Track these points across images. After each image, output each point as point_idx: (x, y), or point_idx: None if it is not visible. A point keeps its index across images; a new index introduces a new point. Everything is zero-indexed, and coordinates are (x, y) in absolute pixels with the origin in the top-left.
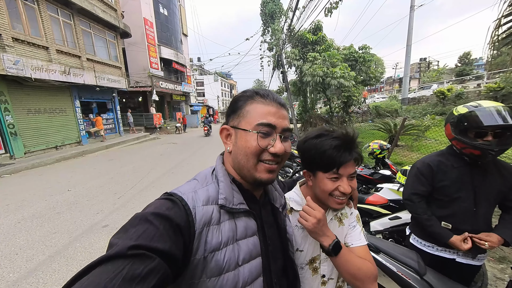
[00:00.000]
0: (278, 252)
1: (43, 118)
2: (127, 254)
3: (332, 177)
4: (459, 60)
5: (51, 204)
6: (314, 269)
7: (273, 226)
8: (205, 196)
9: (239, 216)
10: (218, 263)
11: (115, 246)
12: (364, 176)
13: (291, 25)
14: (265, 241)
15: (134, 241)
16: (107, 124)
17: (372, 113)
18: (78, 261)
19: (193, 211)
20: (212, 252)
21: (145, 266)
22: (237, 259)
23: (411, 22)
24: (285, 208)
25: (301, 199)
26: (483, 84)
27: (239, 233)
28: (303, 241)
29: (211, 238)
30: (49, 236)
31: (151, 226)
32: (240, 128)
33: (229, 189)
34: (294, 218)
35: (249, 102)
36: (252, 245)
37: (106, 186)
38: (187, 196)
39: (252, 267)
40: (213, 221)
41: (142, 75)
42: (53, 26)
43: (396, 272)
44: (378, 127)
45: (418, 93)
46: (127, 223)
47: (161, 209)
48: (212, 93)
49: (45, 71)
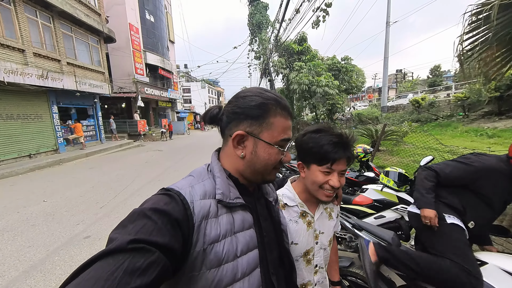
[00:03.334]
0: (274, 243)
1: (15, 124)
2: (127, 248)
3: (325, 170)
4: (430, 72)
5: (24, 216)
6: (308, 261)
7: (268, 218)
8: (202, 190)
9: (236, 210)
10: (217, 255)
11: (115, 241)
12: (350, 179)
13: (277, 36)
14: (261, 233)
15: (134, 235)
16: (87, 131)
17: (355, 120)
18: (57, 275)
19: (191, 205)
20: (211, 244)
21: (146, 259)
22: (235, 250)
23: (387, 36)
24: (277, 202)
25: (293, 195)
26: (451, 94)
27: (236, 226)
28: (297, 234)
29: (209, 231)
30: (23, 250)
31: (150, 221)
32: (263, 140)
33: (226, 184)
34: (288, 213)
35: (272, 113)
36: (249, 237)
37: (86, 195)
38: (185, 191)
39: (250, 258)
40: (211, 214)
41: (127, 81)
42: (31, 28)
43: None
44: (361, 133)
45: (396, 102)
46: (125, 219)
47: (159, 204)
48: (199, 100)
49: (19, 74)
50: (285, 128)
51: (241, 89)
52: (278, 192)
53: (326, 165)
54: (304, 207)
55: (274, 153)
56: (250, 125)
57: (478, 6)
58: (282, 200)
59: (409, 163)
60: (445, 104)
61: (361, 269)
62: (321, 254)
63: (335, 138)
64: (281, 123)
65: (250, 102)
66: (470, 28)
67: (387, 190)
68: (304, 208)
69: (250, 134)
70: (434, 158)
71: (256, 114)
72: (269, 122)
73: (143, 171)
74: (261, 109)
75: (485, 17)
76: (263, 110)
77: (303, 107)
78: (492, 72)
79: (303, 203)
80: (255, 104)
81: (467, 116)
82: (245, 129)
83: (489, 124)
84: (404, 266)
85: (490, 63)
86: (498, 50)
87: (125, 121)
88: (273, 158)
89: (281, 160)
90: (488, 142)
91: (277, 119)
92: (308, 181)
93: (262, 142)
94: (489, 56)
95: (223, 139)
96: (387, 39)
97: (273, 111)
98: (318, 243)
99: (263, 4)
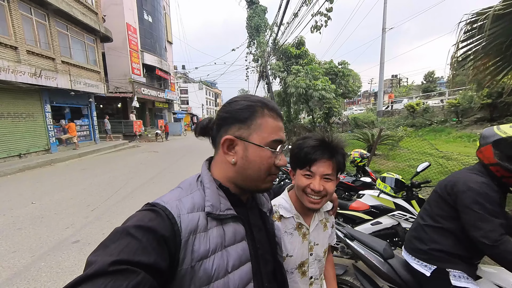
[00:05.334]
0: (268, 255)
1: (5, 123)
2: (108, 270)
3: (305, 173)
4: (424, 78)
5: (11, 219)
6: (303, 273)
7: (262, 229)
8: (190, 203)
9: (227, 222)
10: (206, 272)
11: (95, 264)
12: (347, 184)
13: (275, 39)
14: (254, 245)
15: (116, 256)
16: (81, 131)
17: (351, 124)
18: (42, 282)
19: (177, 219)
20: (199, 261)
21: (129, 281)
22: (226, 265)
23: (383, 42)
24: (272, 212)
25: (290, 205)
26: (445, 100)
27: (227, 239)
28: (292, 247)
29: (198, 246)
30: (7, 255)
31: (134, 239)
32: (252, 142)
33: (216, 196)
34: (284, 225)
35: (260, 114)
36: (241, 250)
37: (77, 197)
38: (171, 205)
39: (243, 273)
40: (199, 228)
41: (123, 81)
42: (25, 25)
43: (364, 255)
44: (357, 137)
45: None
46: (107, 239)
47: (143, 221)
48: (196, 101)
49: (11, 72)
50: (275, 129)
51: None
52: (275, 202)
53: (306, 167)
54: (300, 218)
55: (266, 156)
56: (239, 128)
57: (473, 16)
58: (278, 212)
59: (405, 168)
60: (439, 110)
61: (354, 277)
62: (315, 266)
63: (315, 141)
64: (270, 124)
65: (236, 106)
66: (465, 36)
67: (383, 196)
68: (299, 220)
69: (239, 138)
70: (430, 164)
71: (244, 117)
72: (257, 124)
73: (137, 173)
74: (249, 111)
75: (479, 26)
76: (250, 112)
77: (300, 110)
78: (485, 80)
79: (299, 215)
80: (241, 107)
81: (460, 122)
82: (233, 133)
83: (481, 130)
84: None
85: (483, 71)
86: (491, 59)
87: (121, 122)
88: (265, 161)
89: (275, 164)
90: None
91: (265, 120)
92: (296, 187)
93: (252, 145)
94: (483, 65)
95: (215, 149)
96: (383, 45)
97: (260, 112)
98: (312, 254)
99: (261, 8)
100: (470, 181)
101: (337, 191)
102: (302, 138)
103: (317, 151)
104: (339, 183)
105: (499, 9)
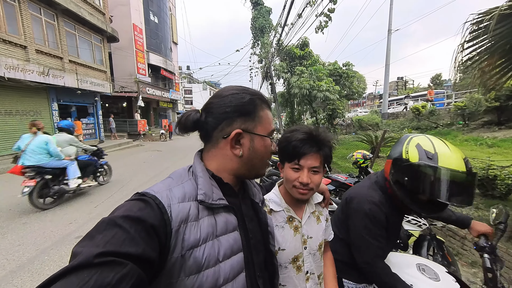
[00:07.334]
0: (261, 245)
1: (14, 120)
2: (94, 262)
3: (294, 167)
4: (431, 81)
5: (17, 213)
6: (298, 267)
7: (254, 219)
8: (181, 193)
9: (218, 212)
10: (196, 260)
11: (79, 255)
12: (349, 185)
13: (280, 40)
14: (246, 235)
15: (102, 247)
16: (87, 129)
17: (355, 125)
18: (44, 275)
19: (168, 209)
20: (190, 250)
21: (116, 273)
22: (217, 255)
23: (389, 44)
24: (263, 203)
25: (280, 199)
26: (452, 103)
27: (219, 229)
28: (284, 240)
29: (188, 235)
30: (12, 248)
31: (121, 230)
32: (258, 134)
33: (208, 185)
34: (274, 219)
35: (260, 107)
36: (233, 240)
37: (81, 193)
38: (161, 195)
39: (234, 263)
40: (190, 217)
41: (128, 80)
42: (34, 25)
43: None
44: (361, 139)
45: (397, 109)
46: (93, 229)
47: (132, 210)
48: (200, 101)
49: (20, 70)
50: (271, 119)
51: None
52: (265, 197)
53: (294, 161)
54: (291, 211)
55: (269, 145)
56: (245, 121)
57: (479, 15)
58: (269, 206)
59: None
60: (445, 113)
61: None
62: (311, 260)
63: (303, 134)
64: (268, 115)
65: (242, 99)
66: (471, 37)
67: None
68: (290, 213)
69: (246, 131)
70: None
71: (249, 110)
72: (259, 116)
73: (141, 171)
74: (252, 104)
75: (485, 26)
76: (253, 105)
77: (303, 111)
78: (491, 82)
79: (289, 208)
80: (246, 101)
81: (467, 125)
82: (240, 126)
83: (488, 133)
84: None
85: (489, 72)
86: (497, 60)
87: (125, 121)
88: (269, 150)
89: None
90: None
91: (264, 112)
92: (284, 180)
93: (258, 136)
94: (488, 66)
95: (207, 143)
96: (389, 47)
97: (260, 105)
98: (306, 248)
99: (266, 9)
100: (364, 202)
101: (339, 192)
102: (290, 131)
103: (305, 145)
104: (340, 184)
105: (505, 9)
